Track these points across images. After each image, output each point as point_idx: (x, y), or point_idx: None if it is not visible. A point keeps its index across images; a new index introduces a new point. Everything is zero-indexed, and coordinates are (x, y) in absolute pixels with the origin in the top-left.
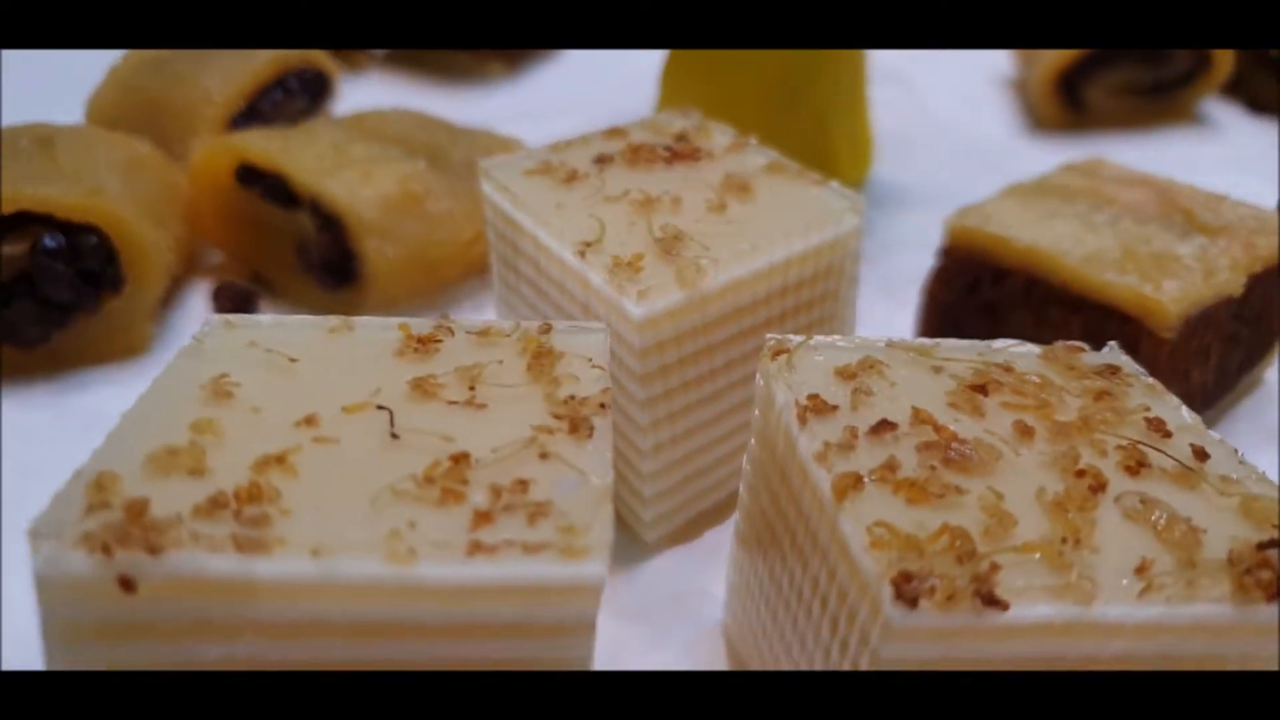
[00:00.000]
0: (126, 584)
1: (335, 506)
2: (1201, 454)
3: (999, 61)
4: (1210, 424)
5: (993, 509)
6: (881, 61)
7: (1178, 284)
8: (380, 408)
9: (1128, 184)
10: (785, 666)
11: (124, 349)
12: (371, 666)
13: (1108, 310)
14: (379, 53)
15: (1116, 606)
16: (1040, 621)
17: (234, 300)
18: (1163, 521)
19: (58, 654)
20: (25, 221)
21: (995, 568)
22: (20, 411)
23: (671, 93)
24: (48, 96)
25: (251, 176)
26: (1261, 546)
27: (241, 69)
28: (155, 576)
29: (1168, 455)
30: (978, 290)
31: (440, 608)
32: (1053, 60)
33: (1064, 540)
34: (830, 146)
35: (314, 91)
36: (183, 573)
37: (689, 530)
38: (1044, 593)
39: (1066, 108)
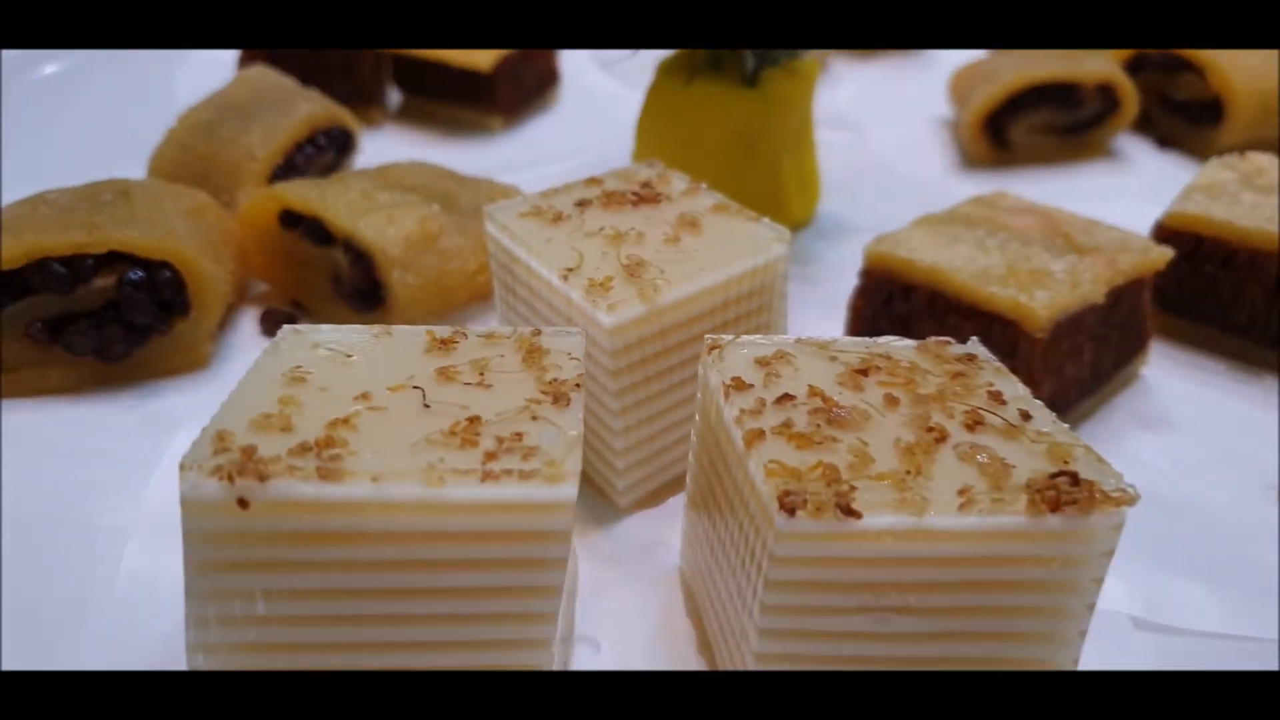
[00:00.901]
0: (243, 503)
1: (386, 450)
2: (1025, 416)
3: (938, 105)
4: (1090, 412)
5: (858, 452)
6: (831, 108)
7: (1048, 294)
8: (415, 387)
9: (1020, 213)
10: (719, 584)
11: (189, 363)
12: (409, 567)
13: (993, 316)
14: (392, 109)
15: (942, 518)
16: (885, 527)
17: (278, 323)
18: (984, 460)
19: (194, 556)
20: (113, 259)
21: (853, 489)
22: (109, 412)
23: (645, 143)
24: (115, 156)
25: (293, 220)
26: (1052, 476)
27: (279, 129)
28: (262, 498)
29: (999, 417)
30: (891, 303)
31: (461, 519)
32: (980, 104)
33: (908, 472)
34: (781, 187)
35: (340, 146)
36: (281, 495)
37: (654, 496)
38: (888, 506)
39: (993, 147)
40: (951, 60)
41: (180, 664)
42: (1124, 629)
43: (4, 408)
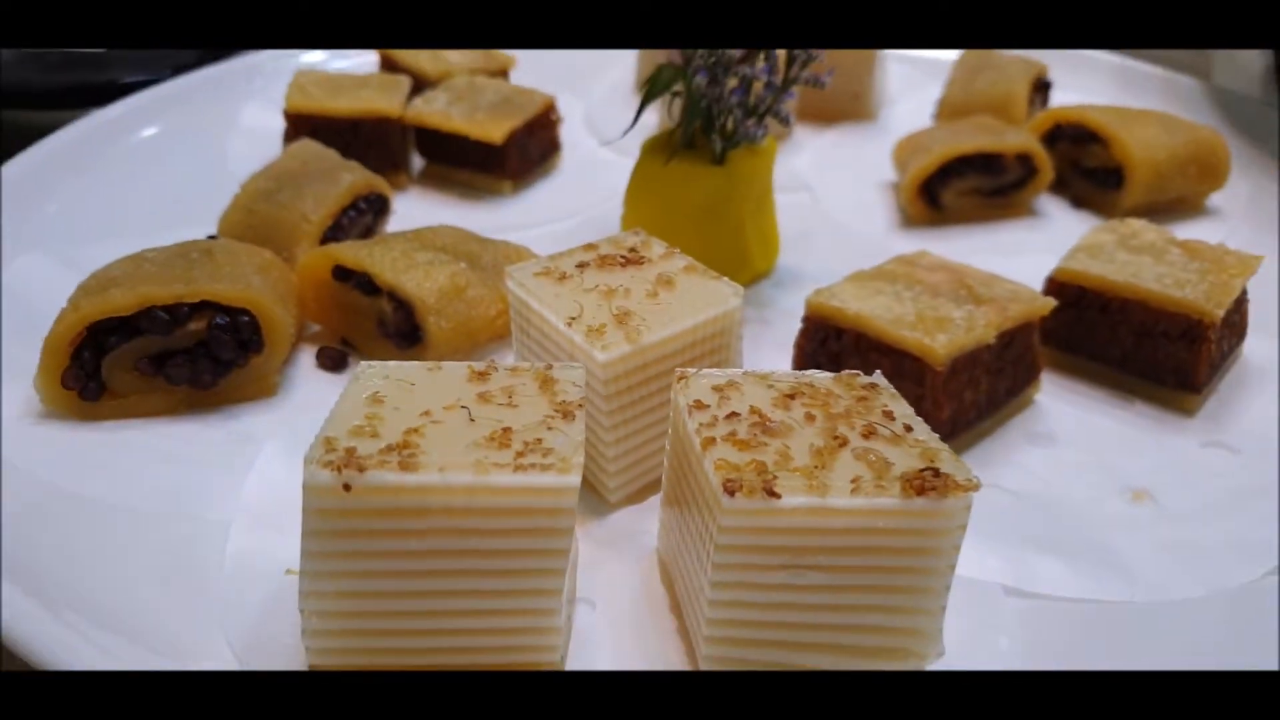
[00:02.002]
0: (346, 487)
1: (445, 450)
2: (908, 429)
3: (885, 170)
4: (988, 430)
5: (782, 453)
6: (792, 172)
7: (948, 336)
8: (463, 406)
9: (934, 269)
10: (685, 556)
11: (261, 391)
12: (463, 534)
13: (904, 354)
14: (416, 174)
15: (838, 499)
16: (797, 505)
17: (332, 359)
18: (873, 459)
19: (309, 527)
20: (203, 306)
21: (775, 478)
22: (201, 430)
23: (631, 210)
24: (184, 214)
25: (344, 274)
26: (920, 470)
27: (328, 196)
28: (359, 484)
29: (888, 429)
30: (826, 343)
31: (499, 499)
32: (915, 172)
33: (816, 467)
34: (744, 246)
35: (377, 209)
36: (374, 482)
37: (639, 494)
38: (800, 490)
39: (928, 208)
40: (898, 130)
41: (282, 622)
42: (997, 595)
43: (118, 427)
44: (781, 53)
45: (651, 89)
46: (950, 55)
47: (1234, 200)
